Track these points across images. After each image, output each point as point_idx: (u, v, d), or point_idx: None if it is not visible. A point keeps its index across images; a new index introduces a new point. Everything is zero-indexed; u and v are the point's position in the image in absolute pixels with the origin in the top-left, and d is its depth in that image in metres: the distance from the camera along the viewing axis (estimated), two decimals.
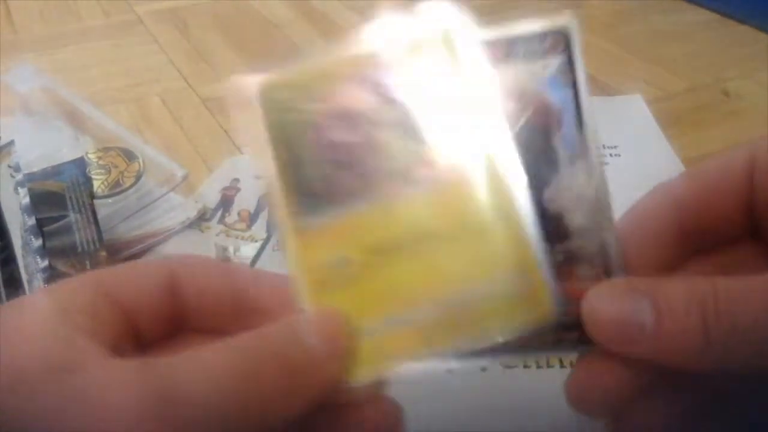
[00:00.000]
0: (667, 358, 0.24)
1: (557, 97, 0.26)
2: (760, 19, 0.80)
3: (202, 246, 0.50)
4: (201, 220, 0.53)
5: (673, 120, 0.65)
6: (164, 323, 0.27)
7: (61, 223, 0.46)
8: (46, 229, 0.45)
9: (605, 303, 0.24)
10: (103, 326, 0.24)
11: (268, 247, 0.50)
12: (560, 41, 0.26)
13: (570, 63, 0.26)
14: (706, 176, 0.28)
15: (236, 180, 0.57)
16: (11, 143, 0.50)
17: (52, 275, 0.43)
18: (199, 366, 0.22)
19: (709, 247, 0.28)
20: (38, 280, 0.43)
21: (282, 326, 0.24)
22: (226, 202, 0.55)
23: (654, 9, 0.84)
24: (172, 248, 0.51)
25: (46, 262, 0.43)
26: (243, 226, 0.53)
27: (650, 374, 0.24)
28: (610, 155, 0.59)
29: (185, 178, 0.55)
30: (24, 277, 0.44)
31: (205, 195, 0.55)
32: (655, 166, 0.59)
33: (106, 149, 0.56)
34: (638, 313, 0.23)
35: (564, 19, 0.26)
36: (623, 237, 0.27)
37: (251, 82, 0.26)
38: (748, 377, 0.24)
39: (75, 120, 0.61)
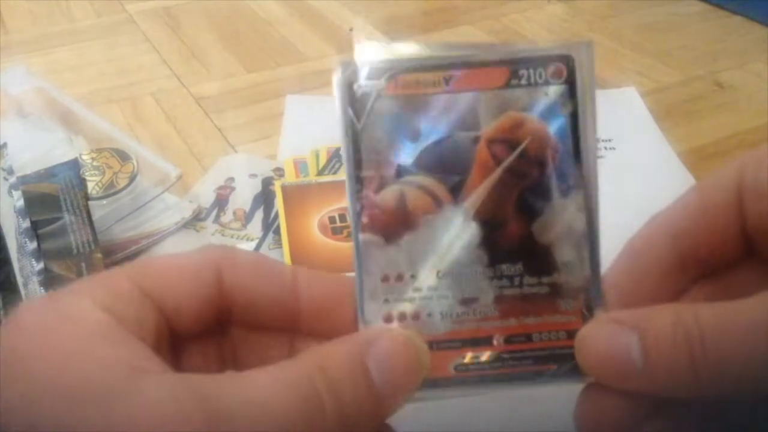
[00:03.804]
0: (658, 391, 0.24)
1: (554, 127, 0.26)
2: (753, 10, 0.80)
3: (197, 246, 0.50)
4: (196, 219, 0.53)
5: (667, 111, 0.65)
6: (205, 321, 0.26)
7: (55, 225, 0.46)
8: (40, 231, 0.45)
9: (595, 340, 0.25)
10: (145, 328, 0.24)
11: (264, 245, 0.50)
12: (564, 67, 0.25)
13: (572, 91, 0.25)
14: (698, 201, 0.28)
15: (231, 179, 0.57)
16: (4, 146, 0.50)
17: (47, 278, 0.43)
18: (252, 395, 0.21)
19: (709, 272, 0.28)
20: (34, 283, 0.43)
21: (347, 356, 0.23)
22: (221, 202, 0.55)
23: (647, 1, 0.84)
24: (168, 249, 0.50)
25: (41, 265, 0.43)
26: (238, 225, 0.52)
27: (652, 401, 0.25)
28: (605, 148, 0.59)
29: (179, 178, 0.54)
30: (19, 280, 0.44)
31: (200, 195, 0.55)
32: (649, 157, 0.59)
33: (99, 150, 0.56)
34: (627, 348, 0.24)
35: (571, 44, 0.25)
36: (623, 271, 0.27)
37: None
38: (745, 403, 0.25)
39: (68, 121, 0.61)
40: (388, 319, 0.26)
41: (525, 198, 0.26)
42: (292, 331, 0.27)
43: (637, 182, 0.55)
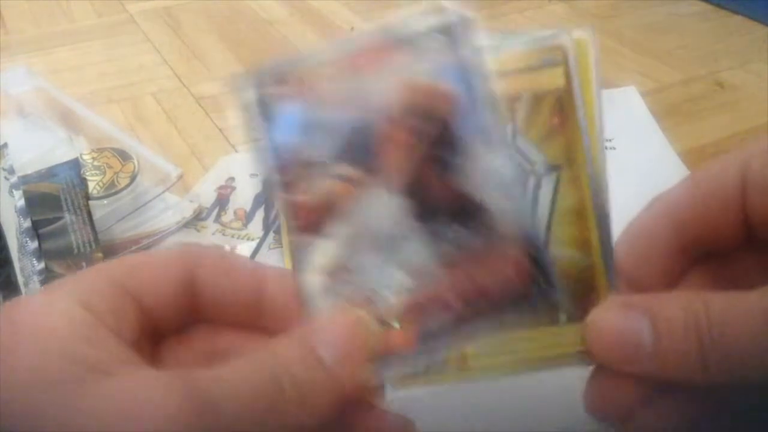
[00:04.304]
0: (666, 376, 0.24)
1: (448, 79, 0.25)
2: (753, 10, 0.80)
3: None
4: (197, 219, 0.53)
5: (668, 111, 0.65)
6: (179, 316, 0.27)
7: (56, 224, 0.46)
8: (41, 231, 0.45)
9: (606, 322, 0.25)
10: (125, 324, 0.24)
11: (265, 245, 0.50)
12: (449, 35, 0.25)
13: (452, 41, 0.25)
14: (701, 187, 0.28)
15: (231, 179, 0.57)
16: (5, 146, 0.50)
17: (48, 277, 0.43)
18: (235, 387, 0.22)
19: (708, 258, 0.29)
20: (34, 283, 0.43)
21: (294, 342, 0.24)
22: (221, 201, 0.55)
23: (648, 1, 0.84)
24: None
25: (42, 264, 0.43)
26: (239, 224, 0.53)
27: (657, 385, 0.25)
28: (606, 148, 0.59)
29: (180, 177, 0.54)
30: (20, 279, 0.44)
31: (201, 194, 0.55)
32: (650, 157, 0.59)
33: (100, 150, 0.56)
34: (638, 333, 0.24)
35: (455, 12, 0.25)
36: (623, 252, 0.27)
37: None
38: (753, 390, 0.25)
39: (69, 121, 0.61)
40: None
41: (440, 157, 0.25)
42: (262, 328, 0.28)
43: (637, 182, 0.55)
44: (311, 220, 0.26)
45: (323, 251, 0.26)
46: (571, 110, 0.26)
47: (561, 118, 0.26)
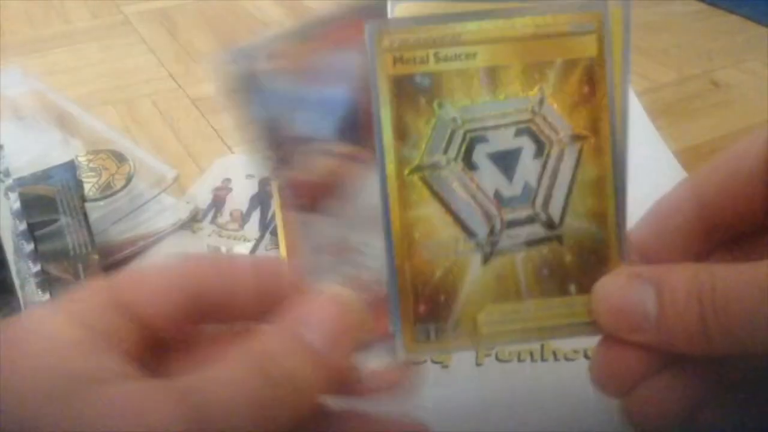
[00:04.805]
0: (670, 346, 0.24)
1: None
2: (748, 9, 0.80)
3: (194, 247, 0.50)
4: (193, 221, 0.53)
5: (663, 111, 0.65)
6: (184, 328, 0.27)
7: (52, 227, 0.46)
8: (37, 233, 0.45)
9: (611, 289, 0.25)
10: (123, 339, 0.24)
11: (261, 246, 0.50)
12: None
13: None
14: (725, 167, 0.28)
15: (227, 180, 0.57)
16: (0, 148, 0.50)
17: (44, 280, 0.43)
18: (225, 387, 0.22)
19: (733, 239, 0.29)
20: (30, 285, 0.43)
21: (280, 331, 0.24)
22: (217, 203, 0.55)
23: (642, 0, 0.85)
24: (165, 250, 0.50)
25: (38, 267, 0.43)
26: (235, 226, 0.53)
27: (663, 355, 0.25)
28: None
29: (176, 179, 0.54)
30: (16, 282, 0.44)
31: (197, 196, 0.55)
32: (644, 157, 0.59)
33: (96, 152, 0.56)
34: (643, 302, 0.24)
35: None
36: (648, 231, 0.28)
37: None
38: (758, 362, 0.25)
39: (64, 123, 0.61)
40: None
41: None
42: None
43: (632, 181, 0.55)
44: (310, 198, 0.26)
45: (322, 230, 0.26)
46: (601, 80, 0.26)
47: (591, 87, 0.26)
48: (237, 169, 0.58)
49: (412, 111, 0.25)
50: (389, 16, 0.25)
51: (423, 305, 0.25)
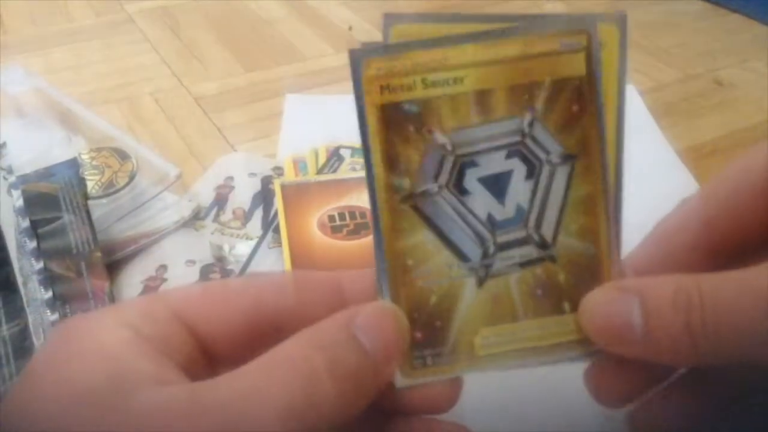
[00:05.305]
0: (658, 357, 0.24)
1: None
2: (751, 8, 0.80)
3: (196, 245, 0.50)
4: (195, 218, 0.53)
5: (666, 110, 0.65)
6: (243, 345, 0.26)
7: (55, 224, 0.46)
8: (40, 230, 0.45)
9: (598, 304, 0.25)
10: (172, 349, 0.24)
11: (263, 244, 0.50)
12: None
13: None
14: (728, 185, 0.28)
15: (230, 178, 0.57)
16: (3, 145, 0.50)
17: (47, 277, 0.43)
18: (241, 385, 0.22)
19: (739, 257, 0.28)
20: (33, 282, 0.43)
21: (335, 327, 0.23)
22: (220, 201, 0.55)
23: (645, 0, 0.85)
24: (167, 247, 0.50)
25: (41, 264, 0.43)
26: (238, 224, 0.53)
27: (660, 369, 0.25)
28: None
29: (179, 177, 0.54)
30: (19, 279, 0.44)
31: (199, 194, 0.55)
32: (648, 156, 0.59)
33: (99, 149, 0.56)
34: (628, 314, 0.24)
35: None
36: (650, 254, 0.27)
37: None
38: (750, 371, 0.24)
39: (67, 121, 0.61)
40: None
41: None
42: None
43: (635, 181, 0.55)
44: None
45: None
46: (591, 98, 0.25)
47: (580, 106, 0.26)
48: (239, 167, 0.58)
49: (401, 139, 0.25)
50: (385, 37, 0.25)
51: (419, 332, 0.25)
